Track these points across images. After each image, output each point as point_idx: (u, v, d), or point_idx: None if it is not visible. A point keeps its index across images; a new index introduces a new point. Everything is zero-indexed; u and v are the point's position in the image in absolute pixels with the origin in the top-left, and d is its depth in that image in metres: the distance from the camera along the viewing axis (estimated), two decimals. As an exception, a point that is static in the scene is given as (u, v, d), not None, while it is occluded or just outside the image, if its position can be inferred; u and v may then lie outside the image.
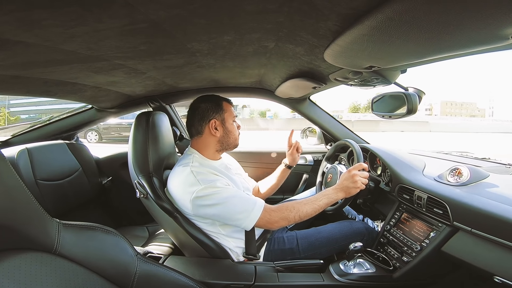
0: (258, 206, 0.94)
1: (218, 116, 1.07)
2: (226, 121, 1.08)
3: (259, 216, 0.92)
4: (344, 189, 1.04)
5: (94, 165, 1.68)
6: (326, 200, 1.02)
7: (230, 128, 1.09)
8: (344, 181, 1.05)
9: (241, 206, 0.93)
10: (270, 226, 0.97)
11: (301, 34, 0.63)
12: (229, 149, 1.13)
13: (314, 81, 1.03)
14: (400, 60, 0.65)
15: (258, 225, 0.95)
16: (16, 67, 0.70)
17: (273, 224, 0.96)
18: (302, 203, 0.99)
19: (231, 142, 1.10)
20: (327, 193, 1.04)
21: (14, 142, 1.55)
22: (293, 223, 0.98)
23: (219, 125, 1.07)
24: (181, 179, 0.96)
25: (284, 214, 0.96)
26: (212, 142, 1.08)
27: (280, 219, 0.96)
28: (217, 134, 1.07)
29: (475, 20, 0.39)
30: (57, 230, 0.55)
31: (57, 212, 1.34)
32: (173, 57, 0.80)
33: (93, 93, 1.18)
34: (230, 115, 1.09)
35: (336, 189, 1.05)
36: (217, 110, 1.07)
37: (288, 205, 0.99)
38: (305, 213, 0.98)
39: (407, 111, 0.92)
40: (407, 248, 0.98)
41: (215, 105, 1.08)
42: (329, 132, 1.68)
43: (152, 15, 0.49)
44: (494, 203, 0.77)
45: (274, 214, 0.95)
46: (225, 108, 1.09)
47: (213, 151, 1.09)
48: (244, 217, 0.92)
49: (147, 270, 0.68)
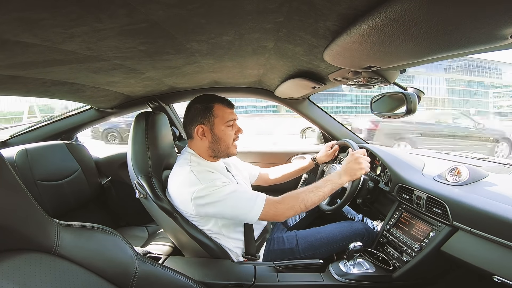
0: (260, 198, 0.92)
1: (206, 122, 0.98)
2: (216, 127, 0.99)
3: (262, 208, 0.90)
4: (349, 172, 1.02)
5: (93, 165, 1.68)
6: (330, 185, 1.00)
7: (220, 135, 0.99)
8: (348, 164, 1.03)
9: (243, 200, 0.91)
10: (277, 218, 0.95)
11: (301, 34, 0.63)
12: (223, 157, 1.06)
13: (313, 81, 1.03)
14: (399, 60, 0.65)
15: (265, 218, 0.93)
16: (15, 67, 0.70)
17: (280, 216, 0.93)
18: (306, 192, 0.97)
19: (222, 150, 1.02)
20: (331, 179, 1.02)
21: (13, 142, 1.55)
22: (299, 212, 0.96)
23: (206, 131, 0.99)
24: (181, 180, 0.95)
25: (290, 204, 0.94)
26: (203, 147, 1.01)
27: (286, 210, 0.93)
28: (205, 140, 1.00)
29: (474, 20, 0.40)
30: (57, 230, 0.55)
31: (56, 212, 1.34)
32: (172, 57, 0.80)
33: (92, 93, 1.17)
34: (221, 120, 0.99)
35: (340, 173, 1.03)
36: (205, 115, 0.98)
37: (293, 195, 0.96)
38: (311, 201, 0.95)
39: (407, 111, 0.93)
40: (407, 248, 0.98)
41: (204, 108, 0.99)
42: (328, 132, 1.68)
43: (151, 15, 0.49)
44: (493, 203, 0.77)
45: (280, 206, 0.93)
46: (216, 112, 0.99)
47: (207, 155, 1.03)
48: (247, 211, 0.90)
49: (146, 270, 0.67)
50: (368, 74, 0.83)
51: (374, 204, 1.33)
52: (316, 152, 1.46)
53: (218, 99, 1.02)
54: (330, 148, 1.40)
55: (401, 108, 0.97)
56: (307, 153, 1.85)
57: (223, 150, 1.02)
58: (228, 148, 1.03)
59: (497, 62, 21.58)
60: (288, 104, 1.62)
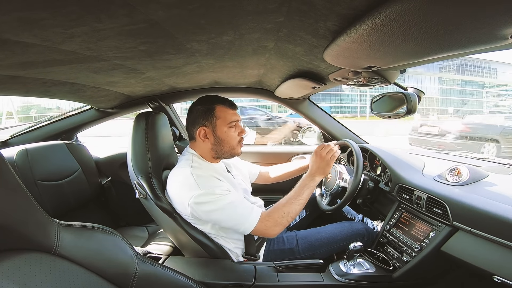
0: (255, 213, 0.93)
1: (208, 123, 0.98)
2: (218, 128, 0.98)
3: (256, 222, 0.92)
4: (319, 171, 1.05)
5: (93, 165, 1.68)
6: (307, 190, 1.02)
7: (222, 136, 0.98)
8: (314, 164, 1.07)
9: (239, 213, 0.92)
10: (268, 235, 0.96)
11: (301, 34, 0.63)
12: (226, 158, 1.06)
13: (313, 81, 1.03)
14: (399, 60, 0.65)
15: (256, 233, 0.95)
16: (15, 67, 0.70)
17: (270, 233, 0.95)
18: (288, 204, 0.98)
19: (225, 151, 1.01)
20: (305, 183, 1.04)
21: (13, 142, 1.55)
22: (287, 225, 0.98)
23: (209, 133, 0.98)
24: (180, 181, 0.94)
25: (278, 220, 0.95)
26: (206, 148, 1.01)
27: (274, 226, 0.94)
28: (208, 142, 0.99)
29: (475, 20, 0.40)
30: (57, 230, 0.55)
31: (56, 212, 1.34)
32: (172, 57, 0.80)
33: (92, 93, 1.17)
34: (223, 122, 0.98)
35: (310, 176, 1.05)
36: (206, 117, 0.98)
37: (277, 210, 0.97)
38: (294, 211, 0.98)
39: (407, 111, 0.93)
40: (407, 248, 0.98)
41: (206, 110, 0.98)
42: (328, 132, 1.68)
43: (151, 15, 0.49)
44: (493, 203, 0.77)
45: (268, 223, 0.94)
46: (218, 114, 0.98)
47: (209, 157, 1.03)
48: (241, 223, 0.91)
49: (146, 270, 0.67)
50: (368, 74, 0.83)
51: (374, 204, 1.33)
52: None
53: (219, 100, 1.01)
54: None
55: (401, 108, 0.97)
56: (307, 153, 1.85)
57: (227, 151, 1.01)
58: (233, 149, 1.02)
59: (489, 61, 21.30)
60: (289, 104, 1.62)
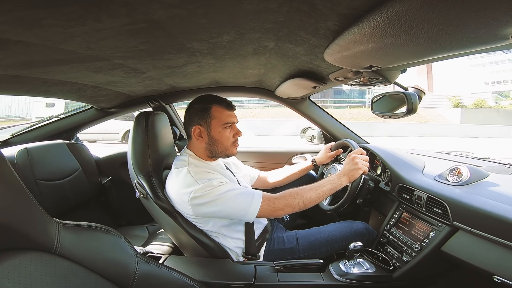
0: (257, 195, 0.92)
1: (203, 122, 0.99)
2: (212, 128, 0.99)
3: (259, 205, 0.90)
4: (347, 173, 1.04)
5: (93, 165, 1.68)
6: (330, 185, 1.01)
7: (216, 136, 0.99)
8: (346, 165, 1.06)
9: (240, 198, 0.91)
10: (275, 214, 0.94)
11: (301, 33, 0.63)
12: (222, 157, 1.07)
13: (314, 80, 1.03)
14: (400, 60, 0.65)
15: (263, 215, 0.93)
16: (15, 66, 0.70)
17: (278, 211, 0.93)
18: (305, 189, 0.97)
19: (219, 151, 1.02)
20: (331, 179, 1.04)
21: (14, 142, 1.55)
22: (298, 210, 0.96)
23: (203, 132, 0.99)
24: (178, 181, 0.95)
25: (288, 201, 0.94)
26: (201, 147, 1.02)
27: (284, 206, 0.93)
28: (202, 141, 1.00)
29: (475, 20, 0.39)
30: (57, 230, 0.55)
31: (57, 212, 1.34)
32: (173, 57, 0.80)
33: (93, 92, 1.17)
34: (218, 122, 0.99)
35: (339, 175, 1.05)
36: (202, 116, 0.98)
37: (291, 191, 0.96)
38: (309, 199, 0.96)
39: (407, 111, 0.93)
40: (407, 248, 0.98)
41: (202, 109, 0.99)
42: (329, 132, 1.68)
43: (152, 14, 0.49)
44: (494, 203, 0.77)
45: (278, 201, 0.93)
46: (214, 113, 0.98)
47: (204, 156, 1.04)
48: (245, 208, 0.90)
49: (147, 270, 0.67)
50: (369, 74, 0.83)
51: (375, 204, 1.33)
52: (316, 152, 1.46)
53: (217, 100, 1.01)
54: (330, 149, 1.41)
55: (402, 108, 0.97)
56: (307, 153, 1.85)
57: (221, 152, 1.02)
58: (227, 150, 1.02)
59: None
60: (289, 104, 1.62)
